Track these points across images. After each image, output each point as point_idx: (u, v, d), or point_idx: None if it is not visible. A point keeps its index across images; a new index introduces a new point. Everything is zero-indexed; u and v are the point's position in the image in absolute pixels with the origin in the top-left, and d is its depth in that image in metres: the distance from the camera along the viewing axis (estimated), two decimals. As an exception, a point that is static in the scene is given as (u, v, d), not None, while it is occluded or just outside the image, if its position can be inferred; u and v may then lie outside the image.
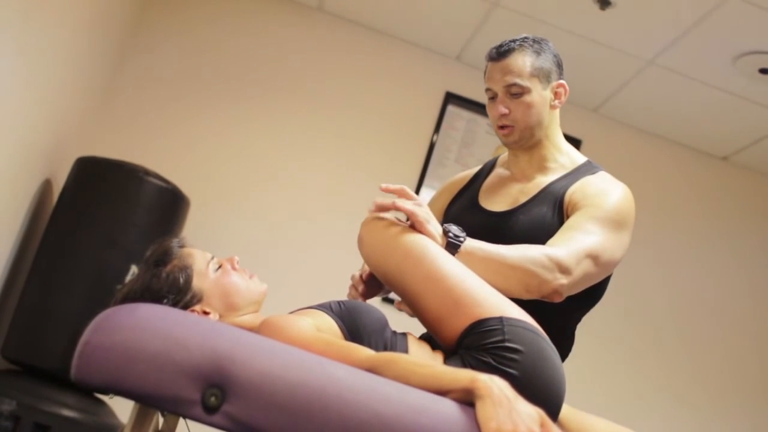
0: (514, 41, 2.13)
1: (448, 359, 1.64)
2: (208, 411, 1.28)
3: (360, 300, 1.92)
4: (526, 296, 1.82)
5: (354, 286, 2.00)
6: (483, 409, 1.33)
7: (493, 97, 2.17)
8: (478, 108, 4.48)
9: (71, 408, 3.01)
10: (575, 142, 4.50)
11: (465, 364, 1.56)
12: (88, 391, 3.09)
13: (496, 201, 2.17)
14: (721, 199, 4.73)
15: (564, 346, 2.12)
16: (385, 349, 1.66)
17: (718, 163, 4.78)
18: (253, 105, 4.31)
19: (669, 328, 4.50)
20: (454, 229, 1.82)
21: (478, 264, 1.77)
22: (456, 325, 1.64)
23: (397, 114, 4.45)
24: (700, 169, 4.75)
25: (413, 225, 1.78)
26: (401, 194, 1.83)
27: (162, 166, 3.66)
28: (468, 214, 2.17)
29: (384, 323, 1.72)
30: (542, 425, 1.33)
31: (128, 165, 3.31)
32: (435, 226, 1.80)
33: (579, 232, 1.93)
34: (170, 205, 3.37)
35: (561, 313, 2.01)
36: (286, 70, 4.38)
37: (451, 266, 1.70)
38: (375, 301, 1.98)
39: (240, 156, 4.24)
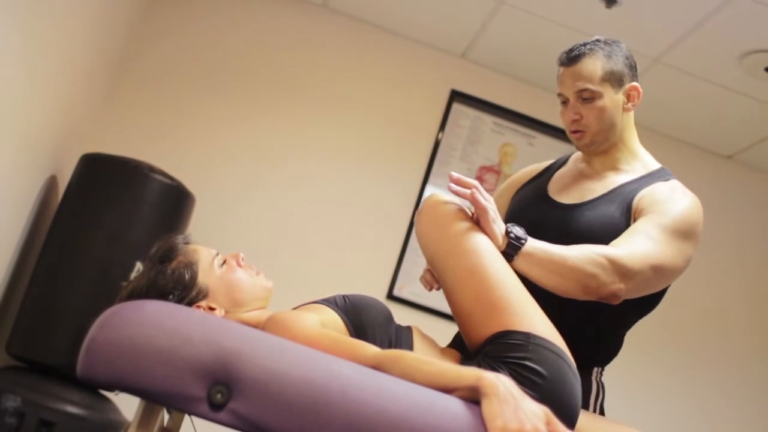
0: (585, 45, 2.10)
1: (465, 363, 1.63)
2: (213, 408, 1.28)
3: (433, 287, 1.91)
4: (583, 297, 1.82)
5: (429, 270, 1.94)
6: (489, 407, 1.33)
7: (565, 102, 2.13)
8: (483, 106, 4.48)
9: (76, 405, 3.01)
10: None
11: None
12: (93, 388, 3.09)
13: (564, 193, 2.15)
14: (725, 197, 4.72)
15: (612, 348, 2.12)
16: (390, 343, 1.66)
17: (723, 162, 4.77)
18: (258, 102, 4.31)
19: (672, 326, 4.49)
20: (517, 230, 1.80)
21: (537, 264, 1.77)
22: (484, 328, 1.64)
23: (402, 112, 4.44)
24: (704, 168, 4.73)
25: (479, 220, 1.77)
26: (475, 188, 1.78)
27: (167, 162, 3.66)
28: (534, 202, 2.16)
29: (389, 318, 1.72)
30: (548, 423, 1.33)
31: (133, 162, 3.31)
32: (499, 226, 1.78)
33: (643, 238, 1.91)
34: (175, 202, 3.37)
35: (617, 316, 2.00)
36: (292, 68, 4.37)
37: (496, 268, 1.69)
38: (382, 298, 1.98)
39: (245, 153, 4.24)
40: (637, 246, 1.88)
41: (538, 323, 1.63)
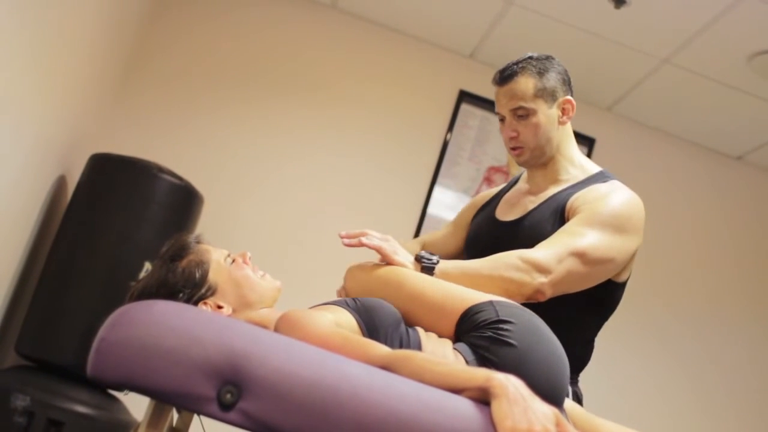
0: (517, 63, 2.18)
1: (454, 346, 1.65)
2: (223, 408, 1.28)
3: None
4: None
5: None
6: (498, 407, 1.32)
7: (503, 120, 2.21)
8: (491, 106, 4.43)
9: (85, 404, 3.01)
10: (589, 141, 4.49)
11: (470, 345, 1.61)
12: (102, 388, 3.10)
13: (509, 212, 2.23)
14: (735, 198, 4.71)
15: (579, 354, 2.13)
16: (401, 343, 1.66)
17: (732, 163, 4.76)
18: (266, 102, 4.31)
19: (681, 329, 4.49)
20: (425, 253, 1.91)
21: (455, 281, 1.83)
22: (448, 323, 1.70)
23: (410, 112, 4.44)
24: (714, 169, 4.73)
25: (384, 260, 1.89)
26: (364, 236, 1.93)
27: (176, 163, 3.67)
28: (486, 228, 2.26)
29: (399, 319, 1.73)
30: (557, 424, 1.33)
31: (142, 162, 3.31)
32: (404, 256, 1.90)
33: (565, 235, 1.97)
34: (184, 202, 3.38)
35: (572, 320, 2.03)
36: (300, 68, 4.38)
37: (429, 281, 1.79)
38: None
39: (253, 153, 4.24)
40: (559, 242, 1.94)
41: (491, 295, 1.71)
